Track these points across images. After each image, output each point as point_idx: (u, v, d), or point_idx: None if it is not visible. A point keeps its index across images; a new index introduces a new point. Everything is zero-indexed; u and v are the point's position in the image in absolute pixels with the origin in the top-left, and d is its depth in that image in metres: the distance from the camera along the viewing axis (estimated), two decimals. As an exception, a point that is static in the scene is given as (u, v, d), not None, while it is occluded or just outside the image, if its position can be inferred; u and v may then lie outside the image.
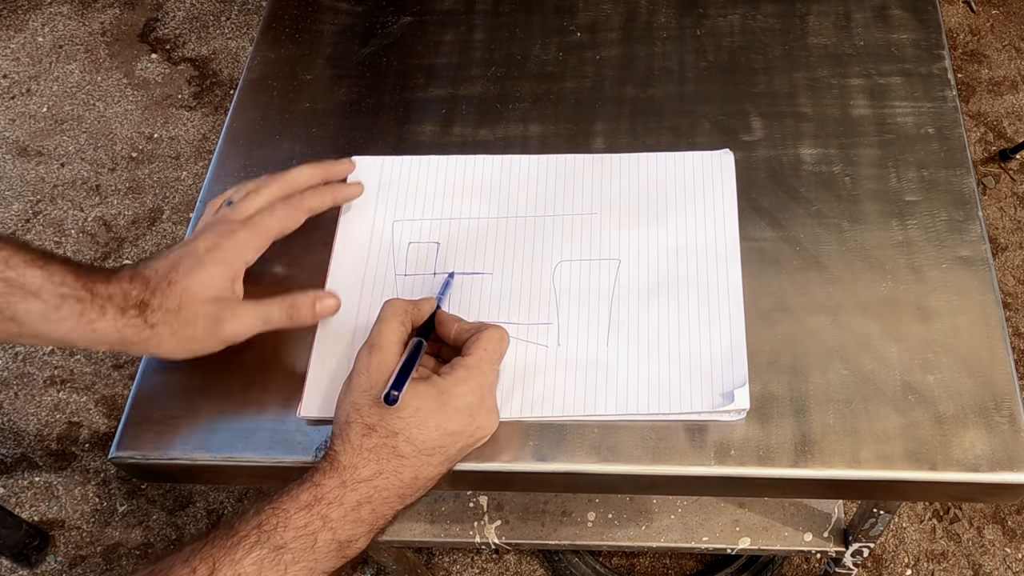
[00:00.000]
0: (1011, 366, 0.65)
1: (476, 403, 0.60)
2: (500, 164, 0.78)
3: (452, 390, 0.59)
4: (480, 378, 0.61)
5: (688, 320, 0.68)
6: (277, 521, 0.54)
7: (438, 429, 0.59)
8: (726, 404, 0.64)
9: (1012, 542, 1.32)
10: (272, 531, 0.54)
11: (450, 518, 1.03)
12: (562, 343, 0.68)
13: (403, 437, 0.58)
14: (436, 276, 0.72)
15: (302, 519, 0.55)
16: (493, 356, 0.62)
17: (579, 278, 0.71)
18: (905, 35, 0.83)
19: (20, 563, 1.39)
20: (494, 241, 0.73)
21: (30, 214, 1.73)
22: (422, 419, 0.58)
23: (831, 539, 1.00)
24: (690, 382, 0.65)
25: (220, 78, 1.91)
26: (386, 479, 0.57)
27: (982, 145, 1.71)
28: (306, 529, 0.55)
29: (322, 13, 0.91)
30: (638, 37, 0.86)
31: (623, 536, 1.02)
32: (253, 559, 0.53)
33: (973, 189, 0.74)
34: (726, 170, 0.76)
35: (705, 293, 0.69)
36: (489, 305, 0.70)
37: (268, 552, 0.53)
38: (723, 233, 0.72)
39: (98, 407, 1.52)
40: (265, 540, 0.54)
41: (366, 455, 0.57)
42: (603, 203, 0.75)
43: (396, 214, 0.75)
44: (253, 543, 0.53)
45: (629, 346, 0.67)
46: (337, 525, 0.56)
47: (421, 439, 0.58)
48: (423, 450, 0.58)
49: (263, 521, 0.54)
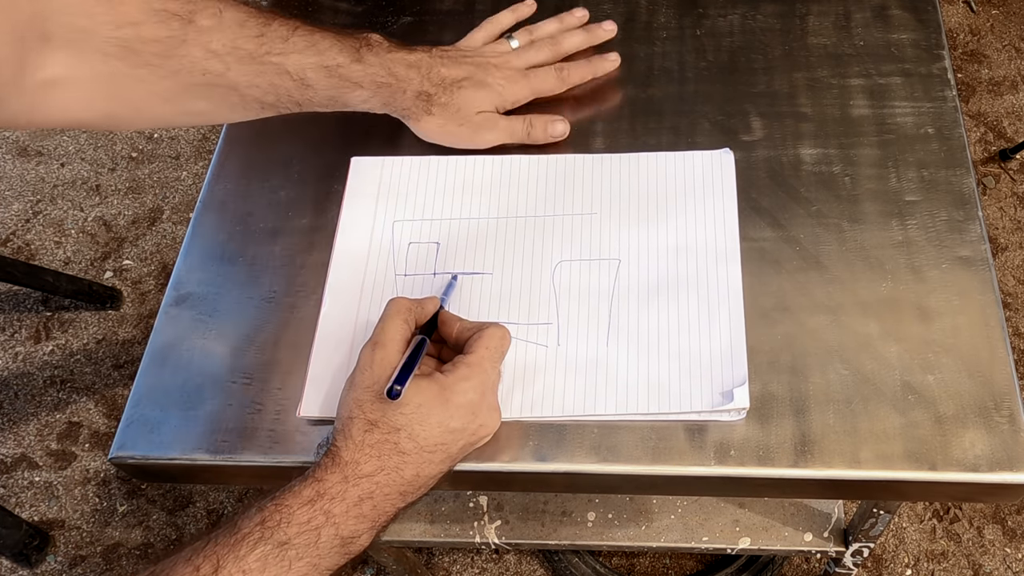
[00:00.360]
0: (1011, 366, 0.65)
1: (478, 400, 0.60)
2: (500, 164, 0.78)
3: (454, 387, 0.60)
4: (482, 375, 0.61)
5: (688, 319, 0.68)
6: (280, 517, 0.55)
7: (440, 426, 0.59)
8: (726, 403, 0.64)
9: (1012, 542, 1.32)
10: (275, 527, 0.54)
11: (450, 518, 1.03)
12: (562, 343, 0.68)
13: (405, 433, 0.58)
14: (437, 276, 0.72)
15: (305, 515, 0.55)
16: (495, 354, 0.63)
17: (579, 278, 0.71)
18: (905, 35, 0.83)
19: (20, 563, 1.39)
20: (494, 241, 0.73)
21: (30, 214, 1.73)
22: (424, 415, 0.58)
23: (831, 539, 1.00)
24: (690, 381, 0.65)
25: (220, 78, 1.91)
26: (388, 475, 0.58)
27: (982, 145, 1.71)
28: (309, 525, 0.55)
29: (322, 13, 0.91)
30: (638, 37, 0.86)
31: (623, 536, 1.02)
32: (257, 555, 0.53)
33: (973, 189, 0.74)
34: (726, 169, 0.76)
35: (705, 292, 0.69)
36: (489, 305, 0.70)
37: (272, 548, 0.54)
38: (723, 232, 0.72)
39: (98, 407, 1.52)
40: (269, 536, 0.54)
41: (368, 451, 0.57)
42: (603, 203, 0.75)
43: (396, 214, 0.76)
44: (257, 539, 0.54)
45: (629, 346, 0.67)
46: (340, 521, 0.56)
47: (423, 436, 0.58)
48: (425, 447, 0.58)
49: (266, 518, 0.55)
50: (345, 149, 0.80)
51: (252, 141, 0.82)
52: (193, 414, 0.67)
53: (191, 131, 1.84)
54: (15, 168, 1.80)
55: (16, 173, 1.79)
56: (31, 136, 1.84)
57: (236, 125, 0.83)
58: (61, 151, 1.82)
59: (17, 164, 1.80)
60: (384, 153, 0.79)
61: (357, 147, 0.80)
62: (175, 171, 1.79)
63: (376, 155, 0.79)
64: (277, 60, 0.67)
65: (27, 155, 1.81)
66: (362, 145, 0.80)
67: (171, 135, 1.84)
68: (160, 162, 1.80)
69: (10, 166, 1.80)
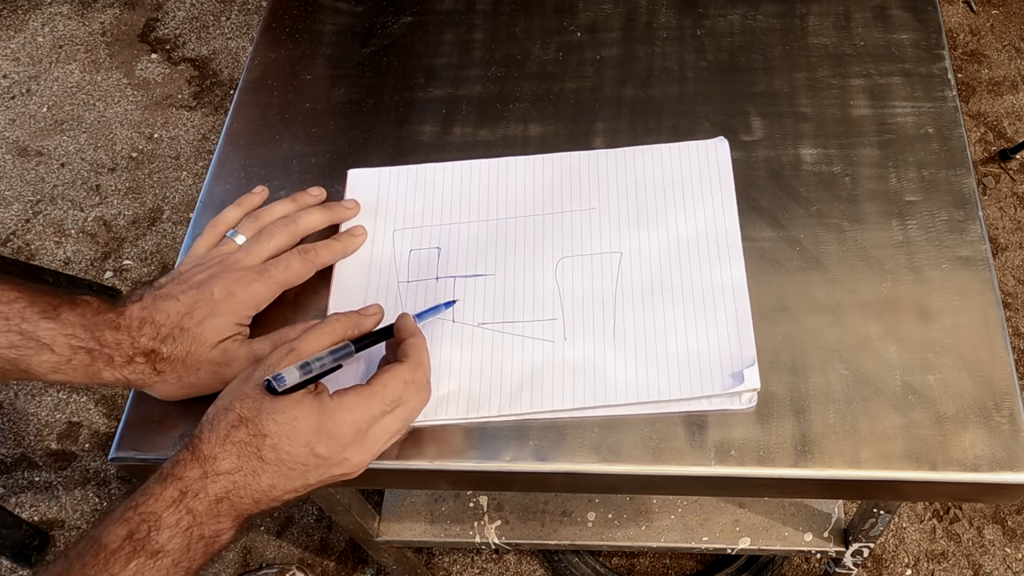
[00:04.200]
0: (1011, 366, 0.65)
1: (351, 436, 0.57)
2: (495, 168, 0.78)
3: (334, 415, 0.57)
4: (367, 414, 0.58)
5: (693, 306, 0.68)
6: (148, 527, 0.53)
7: (307, 447, 0.56)
8: (736, 385, 0.64)
9: (1012, 542, 1.32)
10: (145, 538, 0.53)
11: (450, 518, 1.03)
12: (568, 337, 0.68)
13: (270, 442, 0.56)
14: (440, 281, 0.72)
15: (172, 517, 0.54)
16: (389, 396, 0.59)
17: (582, 273, 0.71)
18: (905, 35, 0.83)
19: (20, 563, 1.39)
20: (494, 242, 0.74)
21: (30, 214, 1.73)
22: (294, 431, 0.56)
23: (831, 539, 1.00)
24: (699, 365, 0.66)
25: (220, 78, 1.91)
26: (244, 477, 0.56)
27: (982, 145, 1.71)
28: (178, 527, 0.54)
29: (322, 13, 0.91)
30: (638, 37, 0.86)
31: (623, 536, 1.02)
32: (132, 570, 0.52)
33: (973, 189, 0.74)
34: (722, 157, 0.76)
35: (708, 278, 0.70)
36: (494, 305, 0.70)
37: (146, 560, 0.52)
38: (723, 219, 0.73)
39: (98, 407, 1.52)
40: (140, 548, 0.52)
41: (229, 447, 0.55)
42: (600, 198, 0.75)
43: (395, 223, 0.76)
44: (129, 554, 0.52)
45: (636, 335, 0.67)
46: (203, 520, 0.55)
47: (287, 451, 0.56)
48: (286, 461, 0.56)
49: (133, 530, 0.53)
50: (347, 149, 0.80)
51: (252, 141, 0.82)
52: (193, 414, 0.67)
53: (191, 131, 1.84)
54: (15, 168, 1.80)
55: (16, 173, 1.79)
56: (31, 136, 1.84)
57: (236, 124, 0.83)
58: (61, 151, 1.82)
59: (17, 164, 1.80)
60: (384, 153, 0.79)
61: (357, 147, 0.80)
62: (175, 171, 1.79)
63: (376, 154, 0.79)
64: None
65: (27, 155, 1.81)
66: (362, 145, 0.80)
67: (171, 135, 1.84)
68: (160, 162, 1.80)
69: (10, 166, 1.80)
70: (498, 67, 0.85)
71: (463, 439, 0.65)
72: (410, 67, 0.86)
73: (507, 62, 0.86)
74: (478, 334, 0.68)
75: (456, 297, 0.70)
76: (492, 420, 0.65)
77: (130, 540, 0.52)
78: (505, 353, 0.67)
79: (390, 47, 0.88)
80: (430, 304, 0.69)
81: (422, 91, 0.84)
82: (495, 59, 0.86)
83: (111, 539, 0.52)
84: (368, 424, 0.58)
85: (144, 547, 0.52)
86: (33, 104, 1.90)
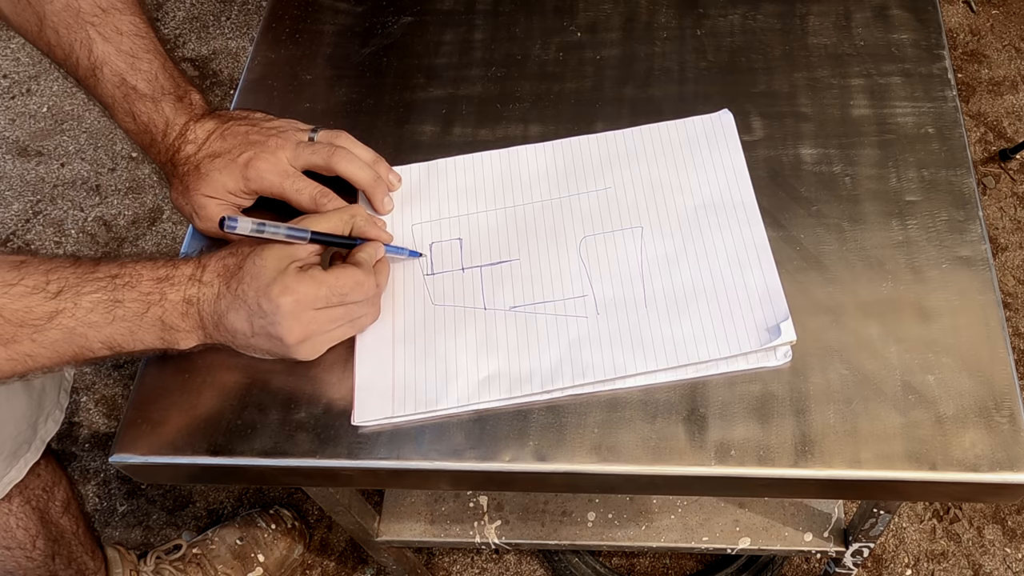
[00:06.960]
0: (1011, 366, 0.65)
1: (290, 307, 0.63)
2: (507, 156, 0.79)
3: (286, 280, 0.63)
4: (312, 294, 0.63)
5: (720, 269, 0.70)
6: (128, 280, 0.62)
7: (256, 293, 0.62)
8: (773, 339, 0.65)
9: (1012, 542, 1.32)
10: (122, 286, 0.62)
11: (450, 518, 1.03)
12: (601, 311, 0.69)
13: (239, 275, 0.63)
14: (466, 271, 0.72)
15: (147, 287, 0.62)
16: (338, 288, 0.64)
17: (606, 249, 0.72)
18: (905, 35, 0.83)
19: (20, 563, 1.39)
20: (515, 229, 0.74)
21: (30, 214, 1.73)
22: (256, 276, 0.63)
23: (831, 539, 1.00)
24: (734, 324, 0.67)
25: (220, 78, 1.91)
26: (212, 293, 0.64)
27: (982, 145, 1.71)
28: (147, 299, 0.62)
29: (322, 13, 0.91)
30: (638, 37, 0.86)
31: (623, 536, 1.02)
32: (93, 299, 0.61)
33: (973, 189, 0.74)
34: (727, 128, 0.77)
35: (731, 241, 0.71)
36: (523, 288, 0.71)
37: (106, 298, 0.61)
38: (736, 183, 0.74)
39: (98, 407, 1.52)
40: (111, 289, 0.61)
41: (218, 266, 0.64)
42: (615, 176, 0.76)
43: (413, 218, 0.76)
44: (102, 286, 0.61)
45: (668, 303, 0.68)
46: (169, 307, 0.63)
47: (243, 289, 0.63)
48: (239, 296, 0.63)
49: (118, 274, 0.62)
50: (345, 149, 0.80)
51: (252, 141, 0.82)
52: (193, 414, 0.67)
53: (191, 131, 1.84)
54: (15, 168, 1.80)
55: (16, 173, 1.79)
56: (31, 136, 1.84)
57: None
58: (61, 151, 1.82)
59: (17, 164, 1.80)
60: (384, 154, 0.79)
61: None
62: (175, 171, 1.78)
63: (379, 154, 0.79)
64: None
65: (27, 155, 1.81)
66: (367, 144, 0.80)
67: (171, 135, 1.83)
68: (160, 162, 1.80)
69: (10, 166, 1.80)
70: (498, 67, 0.85)
71: (463, 439, 0.65)
72: (410, 67, 0.86)
73: (507, 62, 0.86)
74: (511, 318, 0.69)
75: (422, 252, 0.73)
76: (535, 399, 0.66)
77: (111, 279, 0.62)
78: (540, 332, 0.68)
79: (390, 47, 0.88)
80: (456, 296, 0.71)
81: (422, 91, 0.84)
82: (495, 59, 0.86)
83: (103, 268, 0.62)
84: (309, 304, 0.63)
85: (114, 292, 0.61)
86: (33, 104, 1.90)
